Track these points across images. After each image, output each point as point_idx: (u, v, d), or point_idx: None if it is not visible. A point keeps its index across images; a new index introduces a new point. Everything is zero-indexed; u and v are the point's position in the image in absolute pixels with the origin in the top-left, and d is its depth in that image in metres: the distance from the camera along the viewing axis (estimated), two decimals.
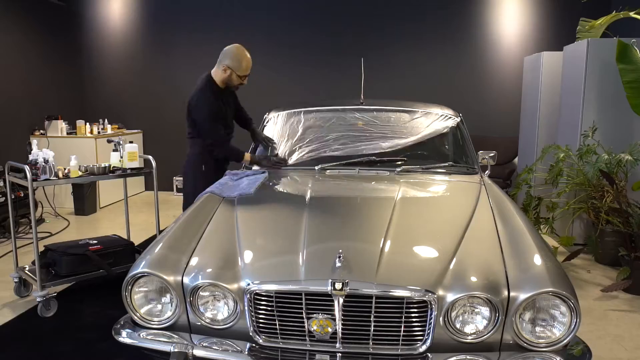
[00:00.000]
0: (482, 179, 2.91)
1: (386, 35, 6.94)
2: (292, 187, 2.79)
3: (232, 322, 1.90)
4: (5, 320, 3.20)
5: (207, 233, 2.22)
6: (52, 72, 6.88)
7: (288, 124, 3.35)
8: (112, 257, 3.52)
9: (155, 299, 1.99)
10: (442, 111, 3.33)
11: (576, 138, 4.52)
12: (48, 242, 4.51)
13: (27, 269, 3.50)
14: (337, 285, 1.76)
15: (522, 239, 2.08)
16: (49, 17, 6.81)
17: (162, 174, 7.07)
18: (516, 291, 1.79)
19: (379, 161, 3.01)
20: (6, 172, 3.46)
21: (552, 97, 5.38)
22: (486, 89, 6.88)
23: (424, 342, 1.79)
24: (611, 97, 4.40)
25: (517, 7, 6.71)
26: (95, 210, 6.24)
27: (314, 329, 1.81)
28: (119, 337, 1.94)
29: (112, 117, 7.36)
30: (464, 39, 6.82)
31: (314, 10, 7.06)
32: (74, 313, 3.31)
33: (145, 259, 2.01)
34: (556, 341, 1.77)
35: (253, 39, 7.16)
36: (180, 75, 7.40)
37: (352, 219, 2.27)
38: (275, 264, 1.98)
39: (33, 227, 3.22)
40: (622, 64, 3.97)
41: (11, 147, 5.98)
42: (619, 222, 3.96)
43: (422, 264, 1.95)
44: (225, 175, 3.05)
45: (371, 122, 3.24)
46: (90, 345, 2.87)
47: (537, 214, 4.46)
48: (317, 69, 7.10)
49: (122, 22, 7.44)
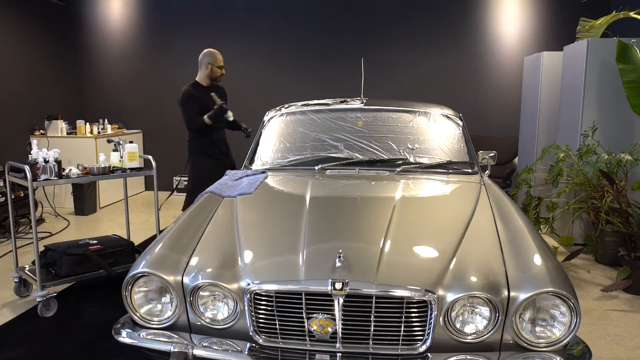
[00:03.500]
0: (482, 179, 2.91)
1: (386, 35, 6.95)
2: (292, 187, 2.79)
3: (232, 322, 1.90)
4: (5, 320, 3.20)
5: (207, 233, 2.22)
6: (52, 72, 6.88)
7: (288, 123, 3.35)
8: (112, 257, 3.52)
9: (155, 298, 1.99)
10: (442, 111, 3.33)
11: (576, 138, 4.52)
12: (48, 242, 4.51)
13: (27, 269, 3.50)
14: (337, 285, 1.76)
15: (522, 239, 2.08)
16: (49, 17, 6.81)
17: (162, 174, 7.08)
18: (516, 291, 1.79)
19: (379, 161, 3.01)
20: (6, 172, 3.46)
21: (552, 97, 5.38)
22: (486, 89, 6.88)
23: (424, 342, 1.79)
24: (611, 97, 4.40)
25: (517, 7, 6.71)
26: (95, 210, 6.24)
27: (314, 329, 1.81)
28: (119, 337, 1.94)
29: (112, 117, 7.36)
30: (464, 39, 6.83)
31: (313, 10, 7.06)
32: (74, 313, 3.31)
33: (145, 258, 2.01)
34: (556, 341, 1.77)
35: (253, 39, 7.18)
36: (181, 75, 7.37)
37: (352, 219, 2.27)
38: (275, 263, 1.98)
39: (33, 227, 3.23)
40: (622, 64, 3.97)
41: (11, 147, 5.98)
42: (619, 222, 3.96)
43: (422, 263, 1.95)
44: (225, 175, 3.05)
45: (371, 122, 3.24)
46: (90, 345, 2.87)
47: (537, 214, 4.46)
48: (317, 69, 7.10)
49: (122, 22, 7.44)
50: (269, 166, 3.13)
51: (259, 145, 3.33)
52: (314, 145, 3.16)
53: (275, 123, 3.40)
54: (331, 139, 3.15)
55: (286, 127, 3.34)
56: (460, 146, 3.15)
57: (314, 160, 3.07)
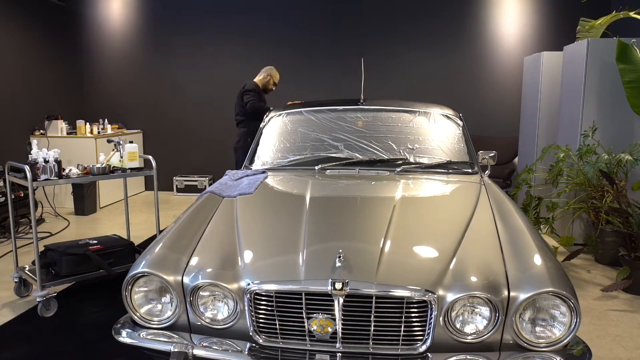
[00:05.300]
0: (482, 179, 2.91)
1: (386, 35, 6.95)
2: (292, 187, 2.79)
3: (232, 322, 1.90)
4: (5, 320, 3.20)
5: (207, 233, 2.22)
6: (52, 72, 6.88)
7: (288, 123, 3.35)
8: (112, 257, 3.52)
9: (155, 298, 1.99)
10: (442, 111, 3.33)
11: (576, 138, 4.52)
12: (48, 242, 4.51)
13: (27, 269, 3.50)
14: (337, 285, 1.76)
15: (522, 239, 2.08)
16: (49, 17, 6.81)
17: (162, 174, 7.09)
18: (516, 291, 1.79)
19: (379, 161, 3.01)
20: (6, 172, 3.46)
21: (552, 97, 5.39)
22: (486, 89, 6.89)
23: (424, 342, 1.79)
24: (611, 97, 4.40)
25: (517, 7, 6.72)
26: (95, 210, 6.24)
27: (314, 329, 1.81)
28: (119, 337, 1.94)
29: (112, 117, 7.37)
30: (464, 39, 6.83)
31: (313, 10, 7.06)
32: (74, 313, 3.31)
33: (145, 258, 2.01)
34: (556, 341, 1.77)
35: (253, 40, 7.18)
36: (180, 76, 7.41)
37: (352, 218, 2.27)
38: (275, 263, 1.98)
39: (33, 227, 3.22)
40: (622, 64, 3.97)
41: (11, 147, 5.98)
42: (619, 222, 3.96)
43: (422, 263, 1.95)
44: (225, 175, 3.05)
45: (371, 122, 3.24)
46: (90, 345, 2.87)
47: (537, 214, 4.46)
48: (317, 69, 7.11)
49: (122, 22, 7.44)
50: (269, 166, 3.13)
51: (259, 145, 3.33)
52: (314, 145, 3.16)
53: (276, 123, 3.40)
54: (331, 139, 3.15)
55: (286, 127, 3.34)
56: (460, 146, 3.15)
57: (314, 160, 3.07)
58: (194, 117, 7.45)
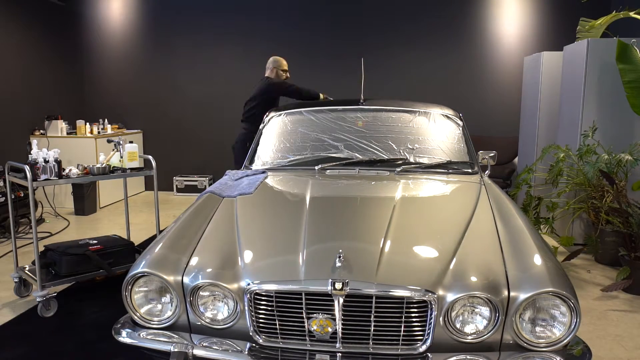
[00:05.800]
0: (482, 179, 2.91)
1: (386, 35, 6.95)
2: (292, 187, 2.79)
3: (232, 322, 1.90)
4: (5, 320, 3.20)
5: (207, 233, 2.22)
6: (52, 72, 6.88)
7: (288, 123, 3.35)
8: (112, 257, 3.52)
9: (155, 298, 1.99)
10: (442, 111, 3.33)
11: (576, 138, 4.52)
12: (48, 242, 4.51)
13: (27, 269, 3.50)
14: (337, 285, 1.76)
15: (522, 239, 2.08)
16: (49, 17, 6.81)
17: (162, 174, 7.09)
18: (516, 291, 1.79)
19: (379, 161, 3.01)
20: (6, 172, 3.46)
21: (552, 97, 5.39)
22: (486, 89, 6.89)
23: (424, 342, 1.79)
24: (611, 97, 4.40)
25: (517, 7, 6.72)
26: (95, 210, 6.24)
27: (314, 329, 1.81)
28: (119, 337, 1.94)
29: (112, 117, 7.37)
30: (464, 39, 6.83)
31: (313, 10, 7.06)
32: (74, 313, 3.31)
33: (145, 258, 2.01)
34: (556, 341, 1.77)
35: (253, 40, 7.18)
36: (180, 76, 7.41)
37: (352, 218, 2.27)
38: (275, 263, 1.98)
39: (33, 227, 3.22)
40: (622, 64, 3.97)
41: (11, 147, 5.98)
42: (619, 222, 3.96)
43: (422, 263, 1.94)
44: (225, 175, 3.05)
45: (371, 122, 3.24)
46: (90, 345, 2.87)
47: (537, 214, 4.46)
48: (317, 69, 7.10)
49: (122, 22, 7.44)
50: (269, 166, 3.12)
51: (259, 145, 3.32)
52: (314, 145, 3.16)
53: (276, 123, 3.40)
54: (331, 139, 3.15)
55: (286, 127, 3.33)
56: (460, 146, 3.15)
57: (314, 160, 3.06)
58: (194, 117, 7.45)
